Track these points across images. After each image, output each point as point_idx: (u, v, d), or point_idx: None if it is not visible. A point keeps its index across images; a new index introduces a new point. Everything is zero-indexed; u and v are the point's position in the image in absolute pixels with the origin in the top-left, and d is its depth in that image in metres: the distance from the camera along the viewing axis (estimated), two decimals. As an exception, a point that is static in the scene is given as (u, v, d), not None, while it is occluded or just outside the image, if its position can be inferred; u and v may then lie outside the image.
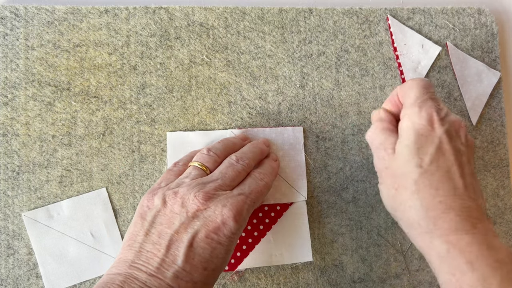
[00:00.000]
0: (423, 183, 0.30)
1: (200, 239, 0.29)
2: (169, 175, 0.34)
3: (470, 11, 0.45)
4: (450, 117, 0.32)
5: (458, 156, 0.31)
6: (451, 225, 0.29)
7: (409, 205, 0.30)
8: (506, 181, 0.44)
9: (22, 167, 0.38)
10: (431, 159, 0.30)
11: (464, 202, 0.29)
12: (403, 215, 0.31)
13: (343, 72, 0.43)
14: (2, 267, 0.37)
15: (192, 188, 0.31)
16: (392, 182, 0.32)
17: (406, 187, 0.31)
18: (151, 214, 0.30)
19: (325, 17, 0.43)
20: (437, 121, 0.31)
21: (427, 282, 0.42)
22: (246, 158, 0.35)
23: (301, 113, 0.42)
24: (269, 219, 0.40)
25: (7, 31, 0.39)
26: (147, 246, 0.29)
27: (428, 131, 0.31)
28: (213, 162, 0.34)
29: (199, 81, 0.41)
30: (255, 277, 0.40)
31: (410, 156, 0.31)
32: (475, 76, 0.44)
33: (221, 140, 0.37)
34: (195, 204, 0.30)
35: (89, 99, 0.39)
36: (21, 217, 0.38)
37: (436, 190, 0.30)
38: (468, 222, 0.29)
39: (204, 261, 0.29)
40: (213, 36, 0.41)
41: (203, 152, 0.35)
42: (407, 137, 0.31)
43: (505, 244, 0.43)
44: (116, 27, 0.40)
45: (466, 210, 0.29)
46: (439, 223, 0.29)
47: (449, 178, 0.30)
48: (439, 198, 0.29)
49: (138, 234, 0.30)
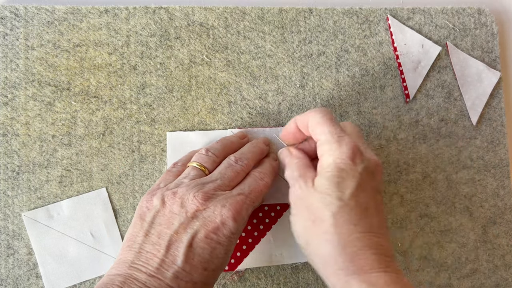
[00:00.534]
0: (341, 217, 0.29)
1: (199, 239, 0.29)
2: (168, 175, 0.34)
3: (470, 11, 0.45)
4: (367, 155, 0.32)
5: (375, 193, 0.31)
6: (367, 263, 0.28)
7: (325, 238, 0.29)
8: (506, 181, 0.44)
9: (22, 167, 0.38)
10: (352, 194, 0.29)
11: (379, 240, 0.29)
12: (317, 249, 0.30)
13: (343, 72, 0.43)
14: (2, 267, 0.37)
15: (191, 189, 0.31)
16: (308, 214, 0.30)
17: (323, 220, 0.29)
18: (150, 215, 0.30)
19: (325, 17, 0.43)
20: (358, 156, 0.31)
21: (427, 282, 0.42)
22: (245, 159, 0.35)
23: (301, 113, 0.42)
24: (269, 219, 0.40)
25: (7, 31, 0.39)
26: (146, 247, 0.29)
27: (349, 165, 0.30)
28: (211, 163, 0.34)
29: (199, 81, 0.41)
30: (255, 277, 0.40)
31: (330, 189, 0.30)
32: (475, 76, 0.44)
33: (220, 140, 0.37)
34: (194, 204, 0.30)
35: (89, 99, 0.39)
36: (21, 217, 0.38)
37: (355, 226, 0.29)
38: (383, 261, 0.28)
39: (204, 261, 0.29)
40: (213, 36, 0.41)
41: (202, 152, 0.35)
42: (328, 171, 0.30)
43: (506, 244, 0.43)
44: (116, 27, 0.40)
45: (381, 248, 0.29)
46: (355, 260, 0.28)
47: (367, 215, 0.29)
48: (357, 235, 0.29)
49: (138, 235, 0.30)
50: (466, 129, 0.44)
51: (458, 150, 0.43)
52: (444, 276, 0.42)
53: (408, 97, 0.43)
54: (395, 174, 0.42)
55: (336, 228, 0.29)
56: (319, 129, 0.32)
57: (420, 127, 0.43)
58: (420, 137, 0.43)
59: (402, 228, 0.42)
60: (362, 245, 0.28)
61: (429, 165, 0.43)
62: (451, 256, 0.42)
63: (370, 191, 0.30)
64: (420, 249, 0.42)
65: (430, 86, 0.44)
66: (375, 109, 0.43)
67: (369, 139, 0.42)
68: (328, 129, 0.32)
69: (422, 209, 0.42)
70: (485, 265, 0.43)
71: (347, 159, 0.30)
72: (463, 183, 0.43)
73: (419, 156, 0.43)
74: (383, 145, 0.42)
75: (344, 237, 0.29)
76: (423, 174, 0.43)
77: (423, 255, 0.42)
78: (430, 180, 0.43)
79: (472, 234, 0.43)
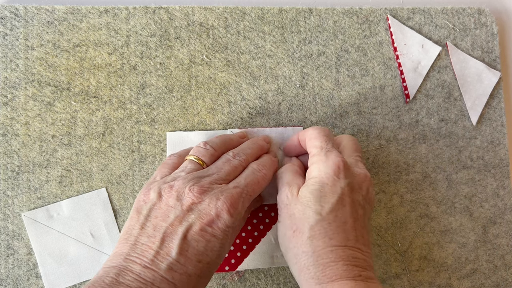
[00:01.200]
0: (318, 231, 0.30)
1: (194, 232, 0.29)
2: (164, 168, 0.35)
3: (470, 11, 0.45)
4: (355, 169, 0.33)
5: (355, 209, 0.32)
6: (337, 273, 0.29)
7: (302, 250, 0.31)
8: (506, 181, 0.44)
9: (22, 167, 0.38)
10: (331, 209, 0.31)
11: (353, 253, 0.30)
12: (295, 258, 0.31)
13: (343, 72, 0.43)
14: (2, 267, 0.37)
15: (188, 182, 0.31)
16: (290, 223, 0.32)
17: (302, 232, 0.31)
18: (147, 208, 0.31)
19: (325, 17, 0.43)
20: (342, 172, 0.32)
21: (427, 282, 0.42)
22: (243, 154, 0.35)
23: (301, 113, 0.42)
24: (269, 219, 0.40)
25: (7, 31, 0.39)
26: (142, 239, 0.29)
27: (333, 180, 0.32)
28: (209, 156, 0.34)
29: (199, 81, 0.41)
30: (255, 277, 0.40)
31: (311, 202, 0.31)
32: (475, 76, 0.44)
33: (219, 135, 0.37)
34: (190, 197, 0.30)
35: (89, 99, 0.39)
36: (21, 217, 0.38)
37: (330, 239, 0.30)
38: (353, 271, 0.30)
39: (199, 254, 0.29)
40: (213, 36, 0.41)
41: (200, 145, 0.35)
42: (312, 183, 0.32)
43: (506, 244, 0.43)
44: (116, 27, 0.40)
45: (353, 260, 0.30)
46: (326, 271, 0.29)
47: (344, 229, 0.31)
48: (331, 248, 0.30)
49: (134, 227, 0.30)
50: (466, 129, 0.44)
51: (458, 150, 0.43)
52: (444, 276, 0.42)
53: (408, 97, 0.43)
54: (395, 174, 0.42)
55: (312, 240, 0.30)
56: (312, 143, 0.34)
57: (420, 127, 0.43)
58: (420, 137, 0.43)
59: (402, 228, 0.42)
60: (335, 257, 0.30)
61: (429, 165, 0.43)
62: (451, 256, 0.42)
63: (351, 206, 0.32)
64: (420, 249, 0.42)
65: (430, 86, 0.44)
66: (375, 109, 0.43)
67: (369, 139, 0.42)
68: (320, 144, 0.34)
69: (422, 209, 0.42)
70: (485, 265, 0.43)
71: (332, 174, 0.32)
72: (463, 183, 0.43)
73: (419, 156, 0.43)
74: (383, 145, 0.42)
75: (318, 249, 0.30)
76: (423, 174, 0.43)
77: (423, 255, 0.42)
78: (430, 180, 0.43)
79: (472, 234, 0.43)
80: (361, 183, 0.33)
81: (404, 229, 0.42)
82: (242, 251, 0.39)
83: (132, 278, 0.27)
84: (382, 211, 0.42)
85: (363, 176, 0.33)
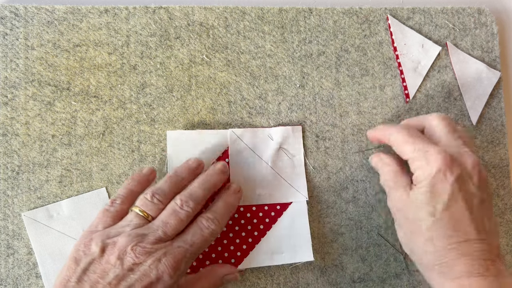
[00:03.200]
0: (436, 231, 0.31)
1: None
2: (106, 217, 0.33)
3: (470, 11, 0.45)
4: (460, 159, 0.32)
5: (469, 201, 0.31)
6: (463, 269, 0.30)
7: (424, 250, 0.32)
8: (506, 181, 0.44)
9: (22, 167, 0.38)
10: (444, 208, 0.31)
11: (476, 246, 0.30)
12: (420, 258, 0.33)
13: (343, 72, 0.43)
14: (2, 267, 0.37)
15: (131, 240, 0.30)
16: (407, 226, 0.33)
17: (420, 233, 0.32)
18: (86, 261, 0.30)
19: (325, 17, 0.43)
20: (448, 168, 0.31)
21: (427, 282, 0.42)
22: (192, 201, 0.33)
23: (301, 112, 0.42)
24: (269, 219, 0.40)
25: (7, 31, 0.39)
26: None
27: (440, 179, 0.31)
28: (156, 210, 0.33)
29: (199, 81, 0.41)
30: (255, 276, 0.40)
31: (423, 204, 0.31)
32: (475, 76, 0.44)
33: (168, 177, 0.35)
34: (132, 258, 0.30)
35: (89, 99, 0.39)
36: (20, 217, 0.38)
37: (450, 237, 0.30)
38: (480, 265, 0.30)
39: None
40: (213, 36, 0.41)
41: (147, 197, 0.33)
42: (421, 185, 0.32)
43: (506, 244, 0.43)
44: (116, 27, 0.40)
45: (478, 253, 0.30)
46: (452, 267, 0.30)
47: (462, 224, 0.31)
48: (453, 245, 0.30)
49: (70, 280, 0.30)
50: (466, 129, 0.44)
51: (458, 150, 0.43)
52: (444, 276, 0.42)
53: (408, 97, 0.43)
54: (395, 174, 0.42)
55: (432, 241, 0.31)
56: (405, 149, 0.33)
57: (420, 127, 0.43)
58: (420, 137, 0.43)
59: (402, 228, 0.42)
60: (458, 253, 0.30)
61: (429, 165, 0.43)
62: (451, 256, 0.42)
63: (464, 200, 0.31)
64: (420, 249, 0.42)
65: (430, 86, 0.44)
66: (375, 109, 0.43)
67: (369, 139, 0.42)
68: (413, 147, 0.33)
69: (422, 209, 0.42)
70: (485, 265, 0.43)
71: (438, 173, 0.31)
72: (463, 183, 0.43)
73: (419, 156, 0.43)
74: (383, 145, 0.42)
75: (440, 249, 0.31)
76: (423, 174, 0.43)
77: (423, 255, 0.42)
78: (430, 180, 0.43)
79: (472, 234, 0.43)
80: (471, 172, 0.32)
81: (404, 229, 0.42)
82: (242, 250, 0.39)
83: None
84: (382, 211, 0.42)
85: (470, 163, 0.32)
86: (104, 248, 0.30)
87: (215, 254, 0.39)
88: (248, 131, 0.40)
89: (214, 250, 0.39)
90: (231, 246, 0.39)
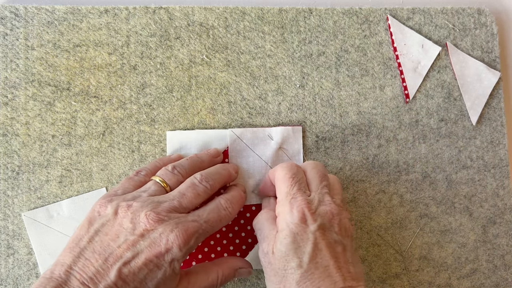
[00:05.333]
0: (305, 284, 0.30)
1: (139, 260, 0.29)
2: (128, 183, 0.34)
3: (470, 11, 0.45)
4: (321, 208, 0.32)
5: (333, 249, 0.31)
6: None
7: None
8: (506, 181, 0.44)
9: (22, 167, 0.38)
10: (310, 258, 0.30)
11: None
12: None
13: (343, 72, 0.43)
14: (2, 267, 0.37)
15: (146, 206, 0.30)
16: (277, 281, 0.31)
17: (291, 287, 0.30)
18: (100, 222, 0.30)
19: (325, 17, 0.43)
20: (309, 217, 0.31)
21: (427, 282, 0.42)
22: (211, 179, 0.34)
23: (301, 113, 0.42)
24: (269, 219, 0.40)
25: (7, 31, 0.39)
26: (87, 253, 0.29)
27: (302, 229, 0.31)
28: (175, 181, 0.33)
29: (199, 81, 0.41)
30: (255, 277, 0.40)
31: (289, 257, 0.30)
32: (475, 76, 0.44)
33: (189, 157, 0.36)
34: (144, 224, 0.29)
35: (89, 99, 0.39)
36: (21, 217, 0.38)
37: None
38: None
39: (138, 281, 0.28)
40: (213, 36, 0.41)
41: (168, 168, 0.34)
42: (284, 236, 0.31)
43: (506, 244, 0.43)
44: (116, 27, 0.40)
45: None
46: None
47: (328, 274, 0.30)
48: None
49: (82, 239, 0.29)
50: (466, 129, 0.44)
51: (458, 150, 0.43)
52: (444, 276, 0.42)
53: (408, 97, 0.43)
54: (395, 174, 0.42)
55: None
56: (279, 188, 0.34)
57: (420, 127, 0.43)
58: (420, 137, 0.43)
59: (402, 228, 0.42)
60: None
61: (429, 165, 0.43)
62: (451, 256, 0.42)
63: (328, 248, 0.31)
64: (420, 249, 0.42)
65: (430, 86, 0.44)
66: (375, 109, 0.43)
67: (369, 139, 0.42)
68: (285, 189, 0.33)
69: (422, 209, 0.42)
70: (485, 265, 0.43)
71: (299, 222, 0.31)
72: (463, 183, 0.43)
73: (419, 156, 0.43)
74: (383, 145, 0.42)
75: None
76: (423, 174, 0.43)
77: (423, 255, 0.42)
78: (430, 180, 0.43)
79: (472, 234, 0.43)
80: (331, 221, 0.32)
81: (404, 229, 0.42)
82: (241, 251, 0.39)
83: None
84: (382, 211, 0.42)
85: (330, 214, 0.32)
86: (118, 211, 0.30)
87: (214, 254, 0.39)
88: (248, 131, 0.40)
89: (213, 250, 0.39)
90: (230, 246, 0.39)
